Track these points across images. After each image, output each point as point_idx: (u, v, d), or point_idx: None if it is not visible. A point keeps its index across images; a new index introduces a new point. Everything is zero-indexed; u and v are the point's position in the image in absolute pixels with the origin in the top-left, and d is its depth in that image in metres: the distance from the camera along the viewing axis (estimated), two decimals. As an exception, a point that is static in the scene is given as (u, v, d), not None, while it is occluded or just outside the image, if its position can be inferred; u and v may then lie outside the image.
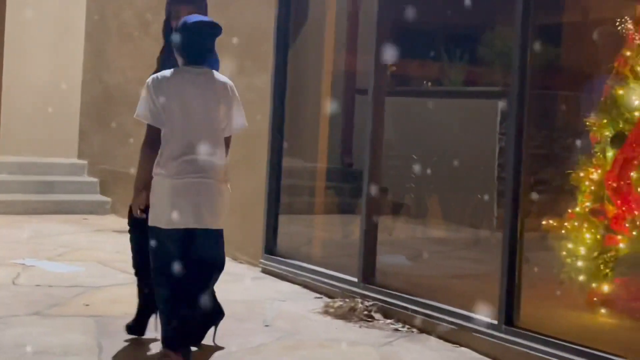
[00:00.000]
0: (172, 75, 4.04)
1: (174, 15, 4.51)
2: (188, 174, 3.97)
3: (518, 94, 4.66)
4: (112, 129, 9.67)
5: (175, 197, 3.96)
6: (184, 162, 3.96)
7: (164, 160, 3.96)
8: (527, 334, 4.50)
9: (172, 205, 3.95)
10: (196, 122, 4.03)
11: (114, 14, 9.78)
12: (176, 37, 4.07)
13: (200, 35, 4.08)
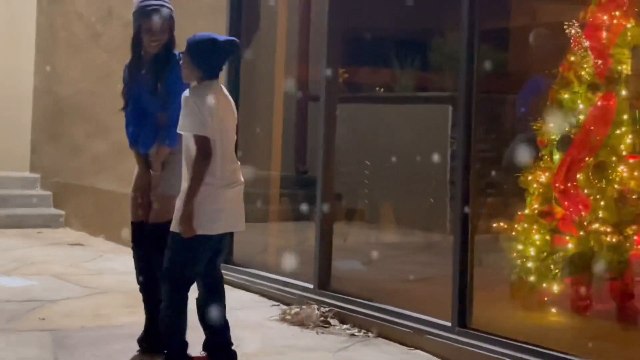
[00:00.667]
0: (207, 89, 4.07)
1: (146, 29, 4.50)
2: (235, 183, 4.13)
3: (465, 99, 4.75)
4: (64, 141, 9.62)
5: (227, 204, 4.09)
6: (230, 172, 4.11)
7: (213, 171, 4.02)
8: (480, 335, 4.59)
9: (222, 212, 4.08)
10: (230, 133, 4.16)
11: (64, 26, 9.73)
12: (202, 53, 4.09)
13: (230, 54, 4.18)
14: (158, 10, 4.52)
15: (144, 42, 4.54)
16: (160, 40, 4.52)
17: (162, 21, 4.51)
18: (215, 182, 4.03)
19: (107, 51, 8.83)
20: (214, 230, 4.10)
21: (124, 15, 8.49)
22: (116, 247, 8.19)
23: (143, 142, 4.56)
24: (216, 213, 4.05)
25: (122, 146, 8.46)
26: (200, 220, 4.01)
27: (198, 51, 4.09)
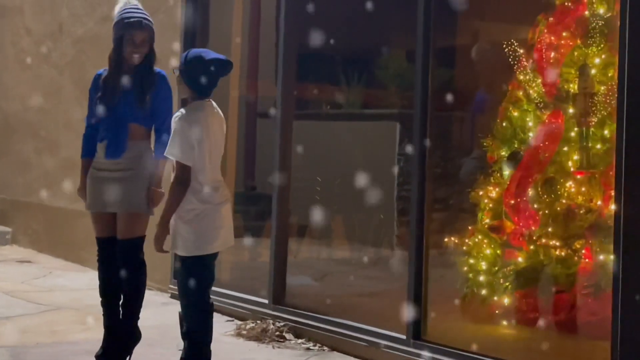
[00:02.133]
0: (199, 110, 4.11)
1: (128, 39, 4.55)
2: (228, 200, 4.21)
3: (420, 116, 4.86)
4: (11, 158, 9.53)
5: (224, 221, 4.16)
6: (221, 189, 4.17)
7: (207, 190, 4.08)
8: (435, 347, 4.68)
9: (221, 229, 4.15)
10: (219, 151, 4.22)
11: (12, 42, 9.67)
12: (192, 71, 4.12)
13: (221, 73, 4.19)
14: (140, 22, 4.58)
15: (124, 53, 4.58)
16: (142, 52, 4.58)
17: (144, 33, 4.57)
18: (213, 201, 4.08)
19: (56, 67, 8.80)
20: (217, 247, 4.18)
21: (75, 31, 8.49)
22: (65, 264, 8.16)
23: (113, 151, 4.57)
24: (217, 230, 4.12)
25: (71, 162, 8.45)
26: (207, 239, 4.07)
27: (188, 69, 4.13)
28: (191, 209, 4.06)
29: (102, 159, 4.62)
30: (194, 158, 4.03)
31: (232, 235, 4.31)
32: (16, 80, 9.55)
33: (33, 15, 9.29)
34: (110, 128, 4.58)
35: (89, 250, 8.00)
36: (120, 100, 4.56)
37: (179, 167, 4.05)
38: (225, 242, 4.25)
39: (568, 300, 5.12)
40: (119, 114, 4.55)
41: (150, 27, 4.64)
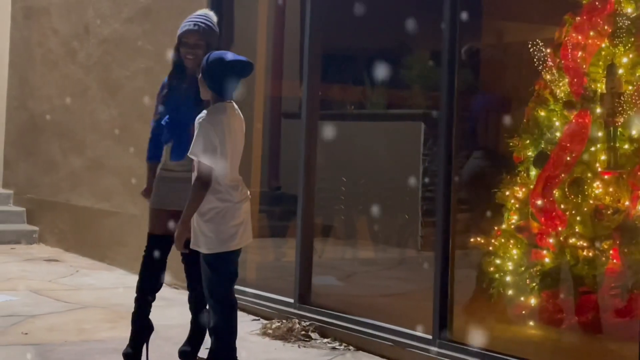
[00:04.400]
0: (221, 112, 4.14)
1: (183, 42, 4.67)
2: (245, 198, 4.24)
3: (447, 116, 4.86)
4: (38, 158, 9.62)
5: (243, 219, 4.21)
6: (240, 188, 4.22)
7: (228, 189, 4.13)
8: (461, 347, 4.68)
9: (240, 226, 4.19)
10: (238, 152, 4.27)
11: (39, 43, 9.74)
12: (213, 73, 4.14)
13: (242, 75, 4.21)
14: (194, 24, 4.67)
15: (182, 55, 4.68)
16: (195, 53, 4.62)
17: (197, 35, 4.63)
18: (233, 199, 4.13)
19: (83, 68, 8.87)
20: (238, 244, 4.22)
21: (101, 32, 8.56)
22: (92, 263, 8.22)
23: (177, 153, 4.62)
24: (237, 227, 4.16)
25: (97, 162, 8.53)
26: (226, 236, 4.12)
27: (209, 71, 4.14)
28: (212, 208, 4.12)
29: (169, 160, 4.70)
30: (216, 160, 4.07)
31: (251, 233, 4.35)
32: (43, 80, 9.63)
33: (59, 16, 9.36)
34: (174, 131, 4.64)
35: (114, 250, 8.08)
36: (182, 103, 4.63)
37: (202, 168, 4.08)
38: (246, 239, 4.30)
39: (595, 301, 5.10)
40: (181, 116, 4.61)
41: (206, 30, 4.68)
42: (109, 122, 8.37)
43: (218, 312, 4.22)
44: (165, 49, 7.55)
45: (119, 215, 8.09)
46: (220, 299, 4.21)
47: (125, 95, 8.14)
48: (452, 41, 4.89)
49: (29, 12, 10.05)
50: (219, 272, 4.19)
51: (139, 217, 7.78)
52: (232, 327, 4.26)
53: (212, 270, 4.19)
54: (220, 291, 4.21)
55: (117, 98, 8.26)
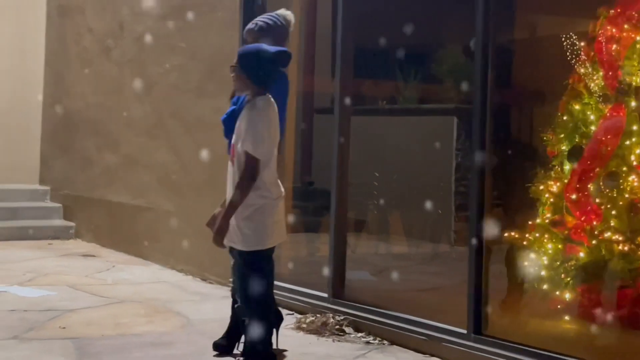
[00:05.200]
0: (266, 105, 4.16)
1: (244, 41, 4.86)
2: (282, 195, 4.27)
3: (480, 111, 4.85)
4: (74, 154, 9.72)
5: (280, 216, 4.24)
6: (278, 184, 4.25)
7: (267, 185, 4.15)
8: (496, 341, 4.68)
9: (277, 223, 4.23)
10: (276, 147, 4.29)
11: (74, 40, 9.84)
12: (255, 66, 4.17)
13: (281, 64, 4.24)
14: (254, 24, 4.84)
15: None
16: None
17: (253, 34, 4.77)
18: (272, 196, 4.13)
19: (117, 65, 8.95)
20: (275, 241, 4.23)
21: (135, 30, 8.62)
22: (127, 258, 8.30)
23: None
24: (275, 225, 4.17)
25: (132, 158, 8.61)
26: (265, 234, 4.12)
27: (247, 63, 4.15)
28: (251, 204, 4.10)
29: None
30: (264, 152, 4.06)
31: (285, 230, 4.38)
32: (78, 78, 9.72)
33: (94, 14, 9.45)
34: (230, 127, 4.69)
35: (150, 245, 8.16)
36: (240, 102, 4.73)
37: (250, 161, 4.06)
38: (282, 236, 4.31)
39: (631, 295, 5.07)
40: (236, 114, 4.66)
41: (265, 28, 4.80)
42: (143, 118, 8.44)
43: (253, 310, 4.21)
44: (198, 46, 7.63)
45: (154, 210, 8.16)
46: (256, 296, 4.21)
47: (158, 92, 8.21)
48: (485, 35, 4.87)
49: (64, 10, 10.16)
50: (256, 270, 4.18)
51: (173, 212, 7.85)
52: (268, 325, 4.26)
53: (249, 267, 4.18)
54: (257, 289, 4.20)
55: (151, 95, 8.32)
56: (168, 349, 4.94)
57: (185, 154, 7.72)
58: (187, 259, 7.59)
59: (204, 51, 7.52)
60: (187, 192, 7.66)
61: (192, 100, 7.65)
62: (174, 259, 7.78)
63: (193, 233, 7.51)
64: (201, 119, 7.49)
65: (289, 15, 5.04)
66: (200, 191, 7.44)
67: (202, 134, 7.46)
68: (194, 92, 7.62)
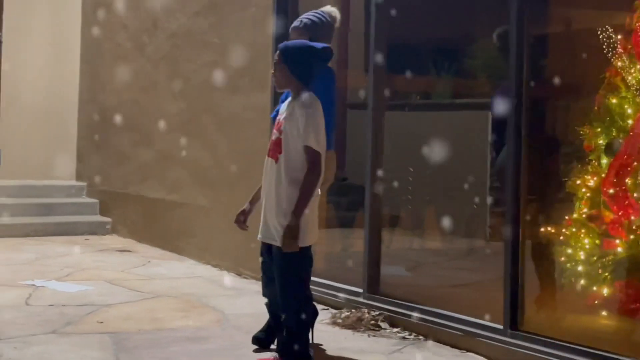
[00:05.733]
0: (314, 99, 4.12)
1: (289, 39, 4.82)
2: (318, 193, 4.22)
3: (515, 105, 4.83)
4: (109, 150, 9.81)
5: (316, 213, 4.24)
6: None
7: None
8: (532, 337, 4.65)
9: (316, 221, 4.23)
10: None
11: (109, 37, 9.92)
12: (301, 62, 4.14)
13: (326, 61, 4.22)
14: (299, 22, 4.92)
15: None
16: None
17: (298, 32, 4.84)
18: (316, 193, 4.12)
19: (151, 61, 9.00)
20: (315, 238, 4.22)
21: (169, 27, 8.68)
22: (163, 253, 8.36)
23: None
24: (315, 222, 4.17)
25: (165, 154, 8.66)
26: (309, 230, 4.11)
27: (298, 59, 4.12)
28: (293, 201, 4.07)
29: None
30: (323, 147, 4.05)
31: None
32: (113, 74, 9.80)
33: (128, 10, 9.52)
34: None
35: (185, 240, 8.21)
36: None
37: (314, 156, 4.01)
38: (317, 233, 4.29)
39: (670, 291, 5.02)
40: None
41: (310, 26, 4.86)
42: (177, 115, 8.49)
43: (292, 307, 4.20)
44: (231, 42, 7.66)
45: (188, 206, 8.21)
46: (295, 293, 4.20)
47: (192, 88, 8.25)
48: (519, 29, 4.84)
49: (98, 7, 10.24)
50: (297, 267, 4.16)
51: (207, 207, 7.90)
52: (306, 322, 4.25)
53: (289, 264, 4.15)
54: (296, 286, 4.19)
55: (184, 91, 8.37)
56: (204, 344, 4.97)
57: (219, 150, 7.76)
58: (221, 253, 7.63)
59: (238, 46, 7.54)
60: (221, 188, 7.70)
61: (226, 96, 7.68)
62: (209, 254, 7.83)
63: (227, 228, 7.53)
64: (235, 114, 7.52)
65: (334, 12, 5.05)
66: (234, 186, 7.47)
67: (236, 130, 7.49)
68: (227, 88, 7.65)
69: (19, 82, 10.24)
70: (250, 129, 7.25)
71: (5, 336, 4.93)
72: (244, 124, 7.36)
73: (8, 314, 5.49)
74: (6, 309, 5.65)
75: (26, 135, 10.28)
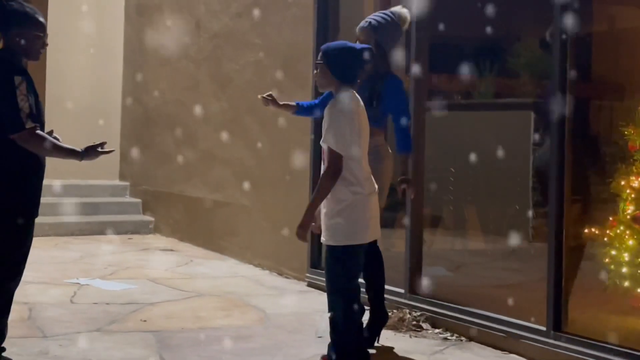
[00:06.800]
0: (349, 100, 4.14)
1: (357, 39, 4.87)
2: (374, 191, 4.23)
3: (559, 104, 4.79)
4: (152, 150, 9.90)
5: (371, 212, 4.19)
6: (370, 180, 4.22)
7: (359, 180, 4.13)
8: (576, 339, 4.61)
9: (370, 219, 4.19)
10: (366, 142, 4.25)
11: (152, 38, 10.01)
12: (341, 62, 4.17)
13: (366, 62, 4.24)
14: (366, 22, 4.93)
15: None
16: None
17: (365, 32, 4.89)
18: (364, 191, 4.12)
19: (194, 62, 9.07)
20: (368, 238, 4.20)
21: (211, 27, 8.74)
22: (205, 252, 8.42)
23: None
24: (368, 221, 4.16)
25: (210, 154, 8.73)
26: (355, 229, 4.12)
27: (338, 60, 4.14)
28: (343, 199, 4.09)
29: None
30: (347, 147, 4.06)
31: (379, 227, 4.34)
32: (155, 75, 9.90)
33: (171, 12, 9.60)
34: None
35: (227, 239, 8.26)
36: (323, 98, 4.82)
37: (333, 156, 4.05)
38: (375, 233, 4.27)
39: None
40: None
41: (376, 26, 4.89)
42: (220, 114, 8.55)
43: (338, 305, 4.20)
44: (273, 42, 7.69)
45: (231, 205, 8.26)
46: (342, 292, 4.19)
47: (234, 88, 8.30)
48: (563, 27, 4.80)
49: (141, 9, 10.34)
50: (344, 265, 4.16)
51: (249, 207, 7.94)
52: (353, 322, 4.25)
53: (338, 262, 4.16)
54: (343, 284, 4.19)
55: (227, 91, 8.42)
56: (247, 343, 5.01)
57: (261, 149, 7.79)
58: (263, 253, 7.66)
59: (279, 46, 7.57)
60: (264, 187, 7.74)
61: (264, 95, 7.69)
62: (251, 254, 7.87)
63: (269, 228, 7.59)
64: (277, 114, 7.53)
65: (404, 12, 5.04)
66: (276, 186, 7.51)
67: (278, 130, 7.51)
68: (269, 88, 7.66)
69: (63, 83, 10.38)
70: (292, 128, 7.27)
71: (50, 333, 5.01)
72: (286, 124, 7.39)
73: (53, 312, 5.57)
74: (52, 306, 5.73)
75: (70, 135, 10.31)
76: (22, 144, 4.03)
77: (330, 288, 4.22)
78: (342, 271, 4.17)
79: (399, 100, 4.93)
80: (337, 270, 4.18)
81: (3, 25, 4.11)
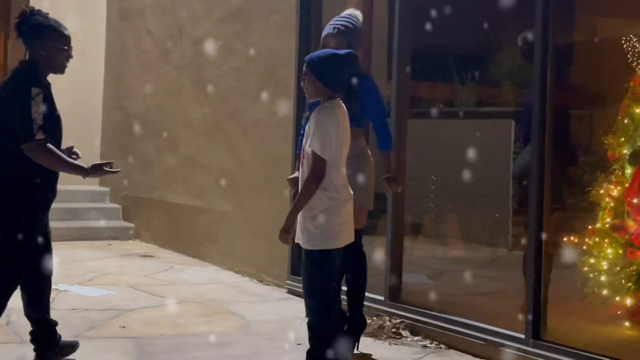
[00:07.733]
0: (335, 107, 4.15)
1: (325, 47, 4.83)
2: (350, 198, 4.25)
3: (539, 113, 4.81)
4: (133, 156, 9.86)
5: (347, 217, 4.22)
6: (347, 187, 4.24)
7: (335, 187, 4.15)
8: (555, 347, 4.63)
9: (344, 225, 4.21)
10: (347, 150, 4.26)
11: (134, 43, 9.99)
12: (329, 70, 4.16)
13: (352, 67, 4.25)
14: (335, 29, 4.90)
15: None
16: None
17: (336, 39, 4.85)
18: (339, 197, 4.14)
19: (176, 68, 9.06)
20: (341, 243, 4.22)
21: (194, 33, 8.72)
22: (185, 259, 8.39)
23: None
24: (342, 226, 4.18)
25: (190, 160, 8.71)
26: (331, 234, 4.14)
27: (325, 68, 4.15)
28: (318, 205, 4.11)
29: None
30: (331, 154, 4.08)
31: (353, 233, 4.37)
32: (137, 80, 9.87)
33: (154, 17, 9.58)
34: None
35: (208, 246, 8.24)
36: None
37: (317, 161, 4.08)
38: (348, 238, 4.30)
39: (694, 302, 4.99)
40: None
41: (345, 32, 4.87)
42: (201, 120, 8.54)
43: (316, 310, 4.22)
44: (256, 48, 7.69)
45: (212, 212, 8.24)
46: (319, 295, 4.22)
47: (217, 94, 8.29)
48: (544, 37, 4.83)
49: (123, 14, 10.32)
50: (320, 269, 4.19)
51: (230, 213, 7.92)
52: (331, 326, 4.26)
53: (314, 266, 4.19)
54: (319, 288, 4.20)
55: (209, 97, 8.41)
56: (226, 349, 4.99)
57: (243, 156, 7.78)
58: (244, 260, 7.65)
59: (261, 52, 7.57)
60: (245, 194, 7.73)
61: (250, 102, 7.71)
62: (231, 260, 7.85)
63: (250, 234, 7.58)
64: (259, 120, 7.55)
65: (359, 14, 5.06)
66: (257, 192, 7.50)
67: (260, 136, 7.51)
68: (252, 94, 7.68)
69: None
70: (274, 135, 7.27)
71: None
72: (268, 130, 7.39)
73: (32, 318, 5.53)
74: (30, 312, 5.68)
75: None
76: (30, 154, 4.07)
77: (308, 292, 4.24)
78: (318, 275, 4.19)
79: (375, 99, 4.96)
80: (314, 274, 4.20)
81: (28, 38, 4.15)
